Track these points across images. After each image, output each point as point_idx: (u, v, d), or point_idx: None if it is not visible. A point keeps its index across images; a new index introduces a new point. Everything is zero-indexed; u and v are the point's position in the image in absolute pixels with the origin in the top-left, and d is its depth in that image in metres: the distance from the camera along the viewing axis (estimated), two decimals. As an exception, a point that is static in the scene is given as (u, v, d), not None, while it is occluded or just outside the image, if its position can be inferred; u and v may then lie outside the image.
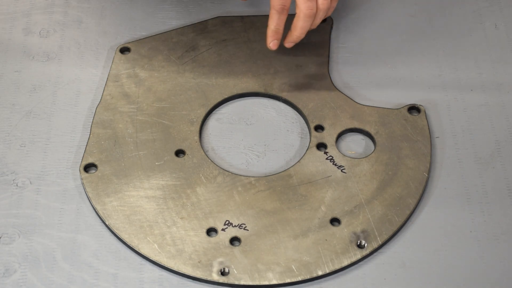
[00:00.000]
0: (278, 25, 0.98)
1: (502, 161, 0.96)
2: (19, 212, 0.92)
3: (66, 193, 0.93)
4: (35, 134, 0.98)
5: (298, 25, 0.97)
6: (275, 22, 0.98)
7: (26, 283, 0.87)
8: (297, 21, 0.97)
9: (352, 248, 0.88)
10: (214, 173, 0.94)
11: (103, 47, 1.06)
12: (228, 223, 0.90)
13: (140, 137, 0.96)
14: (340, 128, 0.97)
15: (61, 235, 0.90)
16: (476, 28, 1.09)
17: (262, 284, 0.86)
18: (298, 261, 0.87)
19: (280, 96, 1.01)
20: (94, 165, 0.94)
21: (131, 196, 0.92)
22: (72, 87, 1.02)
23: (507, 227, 0.91)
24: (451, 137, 0.98)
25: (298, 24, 0.97)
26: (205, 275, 0.87)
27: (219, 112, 1.01)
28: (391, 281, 0.87)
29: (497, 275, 0.88)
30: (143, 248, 0.88)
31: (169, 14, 1.09)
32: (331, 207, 0.91)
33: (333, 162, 0.95)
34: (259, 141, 0.98)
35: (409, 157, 0.95)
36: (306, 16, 0.96)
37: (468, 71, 1.04)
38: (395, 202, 0.91)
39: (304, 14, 0.96)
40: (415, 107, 0.99)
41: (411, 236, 0.90)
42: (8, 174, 0.95)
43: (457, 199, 0.93)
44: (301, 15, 0.96)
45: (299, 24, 0.97)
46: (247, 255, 0.88)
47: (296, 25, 0.97)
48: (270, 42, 0.99)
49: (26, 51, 1.06)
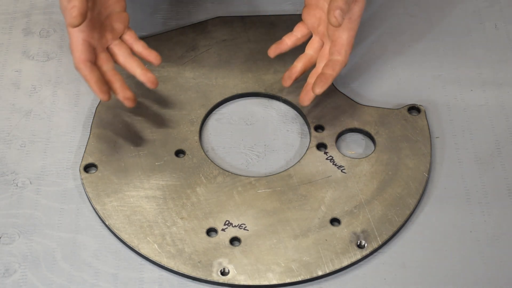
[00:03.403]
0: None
1: (502, 161, 0.96)
2: (19, 212, 0.92)
3: (66, 193, 0.93)
4: (35, 134, 0.98)
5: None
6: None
7: (26, 283, 0.87)
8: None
9: (352, 248, 0.88)
10: (214, 173, 0.94)
11: (103, 47, 1.06)
12: (228, 223, 0.90)
13: (140, 137, 0.96)
14: (340, 128, 0.97)
15: (61, 235, 0.90)
16: (476, 28, 1.09)
17: (262, 284, 0.86)
18: (298, 261, 0.87)
19: (280, 96, 1.01)
20: (94, 165, 0.94)
21: (131, 196, 0.92)
22: (72, 87, 1.02)
23: (507, 227, 0.91)
24: (451, 137, 0.98)
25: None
26: (205, 275, 0.87)
27: (219, 112, 1.01)
28: (391, 281, 0.87)
29: (497, 275, 0.88)
30: (143, 248, 0.88)
31: (169, 14, 1.09)
32: (331, 207, 0.91)
33: (333, 162, 0.95)
34: (259, 141, 0.98)
35: (409, 157, 0.95)
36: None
37: (468, 71, 1.04)
38: (395, 202, 0.91)
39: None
40: (415, 107, 0.99)
41: (411, 236, 0.90)
42: (8, 174, 0.95)
43: (457, 199, 0.93)
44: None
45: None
46: (247, 255, 0.88)
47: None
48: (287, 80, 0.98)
49: (26, 51, 1.06)
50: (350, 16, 0.93)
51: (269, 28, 1.07)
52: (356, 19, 0.94)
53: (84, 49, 0.91)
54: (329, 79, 0.93)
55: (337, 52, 0.94)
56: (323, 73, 0.94)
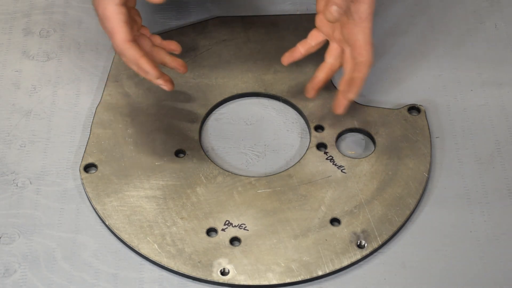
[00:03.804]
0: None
1: (502, 161, 0.96)
2: (19, 212, 0.92)
3: (66, 193, 0.93)
4: (35, 134, 0.98)
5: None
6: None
7: (26, 283, 0.87)
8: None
9: (352, 248, 0.88)
10: (214, 173, 0.94)
11: (103, 47, 1.06)
12: (228, 223, 0.90)
13: (140, 137, 0.96)
14: (340, 128, 0.97)
15: (61, 235, 0.90)
16: (476, 28, 1.09)
17: (262, 284, 0.86)
18: (298, 261, 0.87)
19: (280, 96, 1.01)
20: (94, 165, 0.94)
21: (131, 196, 0.92)
22: (72, 87, 1.02)
23: (507, 227, 0.91)
24: (451, 137, 0.98)
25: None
26: (205, 275, 0.87)
27: (219, 112, 1.01)
28: (391, 281, 0.87)
29: (497, 275, 0.88)
30: (143, 248, 0.88)
31: (169, 14, 1.09)
32: (331, 207, 0.91)
33: (333, 162, 0.95)
34: (259, 141, 0.98)
35: (409, 157, 0.95)
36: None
37: (468, 71, 1.04)
38: (395, 202, 0.91)
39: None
40: (415, 107, 0.99)
41: (411, 236, 0.90)
42: (8, 174, 0.95)
43: (457, 199, 0.93)
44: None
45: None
46: (247, 255, 0.88)
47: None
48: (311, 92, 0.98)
49: (26, 51, 1.06)
50: (359, 16, 0.93)
51: (269, 28, 1.07)
52: (366, 17, 0.93)
53: (127, 30, 0.90)
54: (359, 82, 0.93)
55: (359, 55, 0.93)
56: (352, 78, 0.93)
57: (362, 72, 0.93)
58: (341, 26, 0.95)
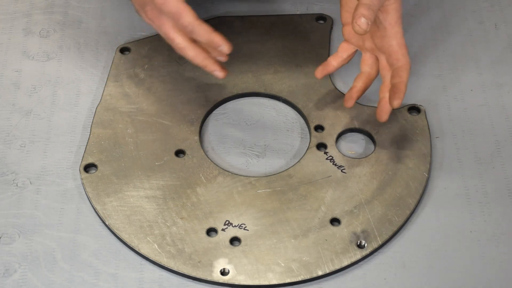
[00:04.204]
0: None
1: (502, 161, 0.96)
2: (19, 212, 0.92)
3: (66, 193, 0.93)
4: (35, 134, 0.98)
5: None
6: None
7: (26, 283, 0.87)
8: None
9: (352, 248, 0.88)
10: (214, 173, 0.94)
11: (103, 47, 1.06)
12: (228, 223, 0.90)
13: (140, 137, 0.96)
14: (340, 128, 0.97)
15: (61, 235, 0.90)
16: (476, 28, 1.09)
17: (262, 284, 0.86)
18: (298, 261, 0.87)
19: (280, 96, 1.01)
20: (94, 165, 0.94)
21: (131, 196, 0.92)
22: (72, 87, 1.02)
23: (507, 227, 0.91)
24: (451, 137, 0.98)
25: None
26: (205, 275, 0.87)
27: (219, 112, 1.01)
28: (391, 281, 0.87)
29: (497, 275, 0.88)
30: (143, 248, 0.88)
31: (169, 14, 1.09)
32: (331, 207, 0.91)
33: (333, 162, 0.95)
34: (259, 141, 0.98)
35: (409, 157, 0.95)
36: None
37: (468, 71, 1.04)
38: (395, 202, 0.91)
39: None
40: (415, 107, 0.99)
41: (411, 236, 0.90)
42: (8, 174, 0.95)
43: (457, 199, 0.93)
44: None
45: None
46: (247, 255, 0.88)
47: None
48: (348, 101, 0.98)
49: (26, 51, 1.06)
50: (389, 23, 0.92)
51: (269, 28, 1.07)
52: (396, 21, 0.92)
53: (192, 9, 0.90)
54: (402, 87, 0.92)
55: (396, 60, 0.93)
56: (394, 84, 0.93)
57: (403, 77, 0.92)
58: (371, 35, 0.94)
